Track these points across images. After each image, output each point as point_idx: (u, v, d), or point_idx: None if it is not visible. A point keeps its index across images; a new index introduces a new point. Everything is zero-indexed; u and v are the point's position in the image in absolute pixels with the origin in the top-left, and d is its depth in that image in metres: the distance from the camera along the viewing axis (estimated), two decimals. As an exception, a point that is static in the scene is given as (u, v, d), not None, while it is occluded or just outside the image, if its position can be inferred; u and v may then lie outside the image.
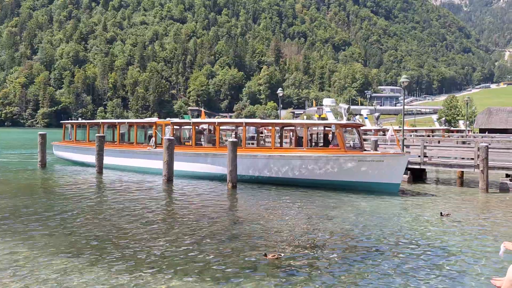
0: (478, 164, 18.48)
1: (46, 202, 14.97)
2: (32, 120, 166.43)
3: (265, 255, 8.77)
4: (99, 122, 29.57)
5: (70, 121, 33.46)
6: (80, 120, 37.27)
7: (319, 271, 8.17)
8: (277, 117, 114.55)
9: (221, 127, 23.44)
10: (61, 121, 34.38)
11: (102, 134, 24.87)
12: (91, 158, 25.12)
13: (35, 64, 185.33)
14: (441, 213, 9.95)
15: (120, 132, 27.22)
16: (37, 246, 9.43)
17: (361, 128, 22.45)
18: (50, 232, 10.69)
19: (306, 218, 13.01)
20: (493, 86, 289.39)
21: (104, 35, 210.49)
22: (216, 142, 21.96)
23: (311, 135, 21.73)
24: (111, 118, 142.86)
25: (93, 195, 17.19)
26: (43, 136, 26.40)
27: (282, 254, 8.93)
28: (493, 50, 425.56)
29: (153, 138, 24.18)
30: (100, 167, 23.25)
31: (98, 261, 8.50)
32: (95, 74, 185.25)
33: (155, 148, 23.39)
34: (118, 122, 28.05)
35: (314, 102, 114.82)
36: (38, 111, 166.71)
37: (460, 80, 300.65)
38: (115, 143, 26.66)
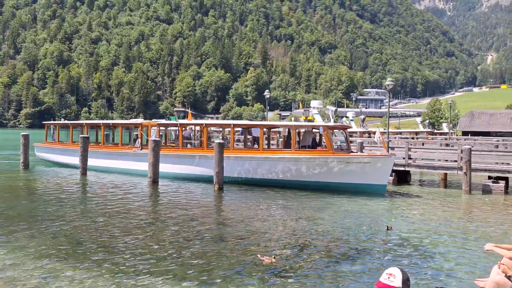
0: (461, 166, 18.75)
1: (29, 204, 14.69)
2: (15, 120, 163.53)
3: (273, 257, 8.71)
4: (82, 123, 29.16)
5: (52, 121, 32.87)
6: (63, 121, 36.65)
7: (306, 273, 8.17)
8: (264, 118, 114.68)
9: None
10: (43, 122, 33.77)
11: (86, 135, 24.53)
12: (74, 160, 24.75)
13: (18, 63, 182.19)
14: (387, 226, 10.13)
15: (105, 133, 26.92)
16: (19, 249, 9.23)
17: (348, 130, 22.61)
18: (32, 234, 10.48)
19: (293, 219, 13.02)
20: (476, 89, 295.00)
21: (89, 35, 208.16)
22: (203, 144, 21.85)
23: (298, 136, 21.80)
24: (95, 119, 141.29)
25: (76, 197, 16.94)
26: (25, 137, 25.92)
27: (276, 257, 8.89)
28: (475, 54, 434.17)
29: (139, 140, 23.95)
30: (84, 168, 22.92)
31: (81, 264, 8.36)
32: (80, 74, 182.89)
33: (140, 149, 23.17)
34: (103, 123, 27.72)
35: (300, 104, 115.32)
36: (21, 112, 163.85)
37: (443, 83, 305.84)
38: (99, 144, 26.34)
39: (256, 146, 21.80)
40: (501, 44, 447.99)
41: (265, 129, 22.47)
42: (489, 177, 19.39)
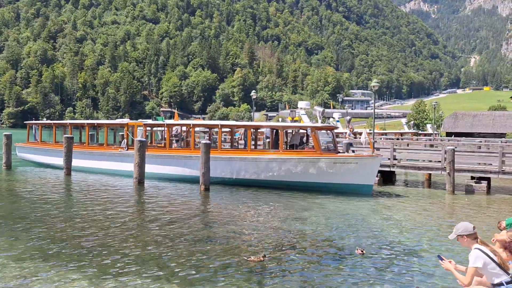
0: (445, 167, 19.02)
1: (11, 205, 14.43)
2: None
3: (264, 257, 8.75)
4: (66, 123, 28.75)
5: (34, 121, 32.28)
6: (45, 121, 36.02)
7: (292, 273, 8.18)
8: (251, 119, 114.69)
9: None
10: (25, 122, 33.16)
11: (70, 135, 24.20)
12: (58, 160, 24.37)
13: (0, 62, 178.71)
14: (362, 251, 9.88)
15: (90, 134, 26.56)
16: (1, 250, 9.04)
17: (335, 130, 22.77)
18: (15, 236, 10.30)
19: (279, 220, 13.04)
20: (459, 91, 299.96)
21: (74, 34, 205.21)
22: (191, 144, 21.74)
23: (286, 137, 21.87)
24: (80, 119, 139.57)
25: (60, 198, 16.69)
26: (8, 137, 25.47)
27: (266, 257, 8.86)
28: (459, 56, 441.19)
29: (125, 140, 23.71)
30: (68, 168, 22.61)
31: (64, 266, 8.24)
32: (64, 73, 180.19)
33: (126, 149, 22.95)
34: (87, 123, 27.38)
35: (287, 105, 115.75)
36: (3, 111, 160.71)
37: (428, 85, 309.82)
38: (84, 144, 26.00)
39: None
40: (484, 47, 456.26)
41: (253, 130, 22.50)
42: (472, 178, 19.71)
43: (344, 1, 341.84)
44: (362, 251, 9.53)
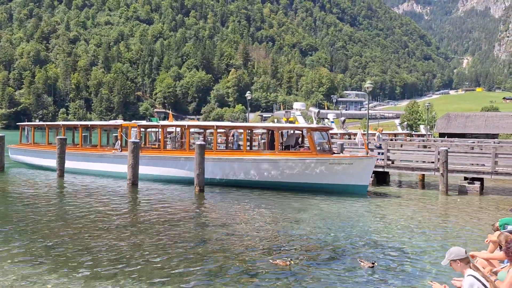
0: (438, 168, 19.12)
1: (3, 208, 14.29)
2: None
3: (290, 261, 8.71)
4: (59, 124, 28.55)
5: (27, 122, 31.99)
6: (38, 122, 35.71)
7: (287, 274, 8.18)
8: (245, 120, 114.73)
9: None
10: (17, 123, 32.89)
11: (63, 137, 24.04)
12: (51, 162, 24.20)
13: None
14: (372, 263, 9.29)
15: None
16: (-8, 254, 8.96)
17: (330, 131, 22.83)
18: (7, 238, 10.20)
19: (275, 221, 13.03)
20: (452, 92, 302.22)
21: (67, 34, 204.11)
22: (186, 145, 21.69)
23: (282, 138, 21.88)
24: (73, 120, 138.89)
25: (53, 200, 16.57)
26: (1, 138, 25.26)
27: (292, 262, 8.78)
28: (452, 57, 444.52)
29: (119, 141, 23.60)
30: (61, 170, 22.45)
31: (57, 269, 8.18)
32: (57, 74, 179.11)
33: (120, 151, 22.83)
34: (80, 125, 27.22)
35: (281, 105, 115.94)
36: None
37: (421, 86, 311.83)
38: (77, 146, 25.83)
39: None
40: (476, 48, 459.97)
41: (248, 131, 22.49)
42: (465, 178, 19.82)
43: (338, 2, 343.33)
44: (372, 264, 8.70)
